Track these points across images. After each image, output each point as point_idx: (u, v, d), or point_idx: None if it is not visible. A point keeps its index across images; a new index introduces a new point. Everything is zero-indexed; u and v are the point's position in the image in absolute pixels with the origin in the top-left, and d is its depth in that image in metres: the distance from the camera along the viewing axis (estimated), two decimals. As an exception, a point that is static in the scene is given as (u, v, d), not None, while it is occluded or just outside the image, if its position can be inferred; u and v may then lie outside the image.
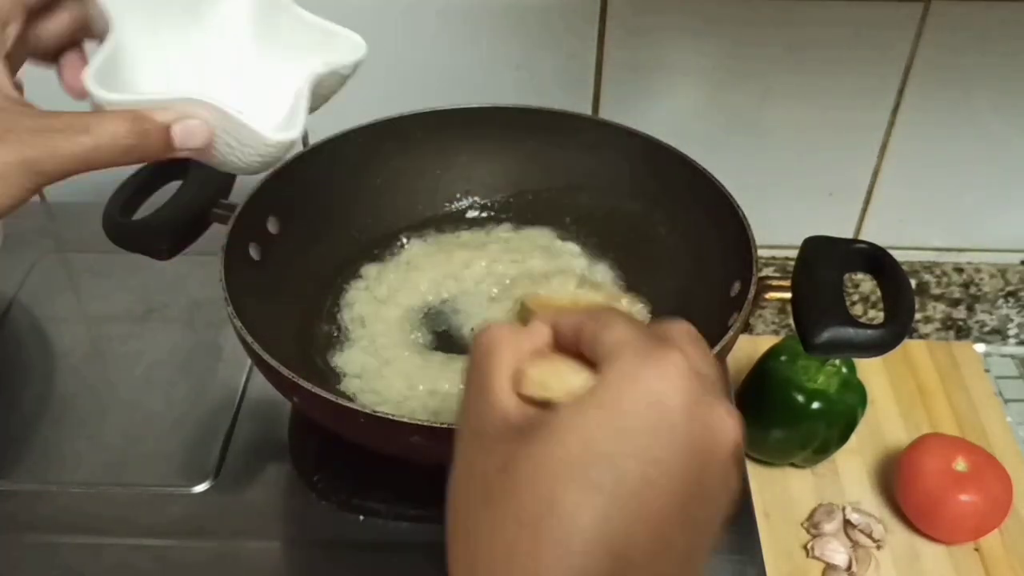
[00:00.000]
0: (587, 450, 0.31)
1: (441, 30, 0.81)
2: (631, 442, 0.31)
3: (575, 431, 0.31)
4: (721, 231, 0.65)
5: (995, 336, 0.96)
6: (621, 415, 0.31)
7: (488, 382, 0.34)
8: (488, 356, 0.35)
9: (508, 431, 0.33)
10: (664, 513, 0.31)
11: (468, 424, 0.35)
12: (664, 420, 0.31)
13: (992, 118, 0.84)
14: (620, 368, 0.32)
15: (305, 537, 0.62)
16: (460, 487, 0.34)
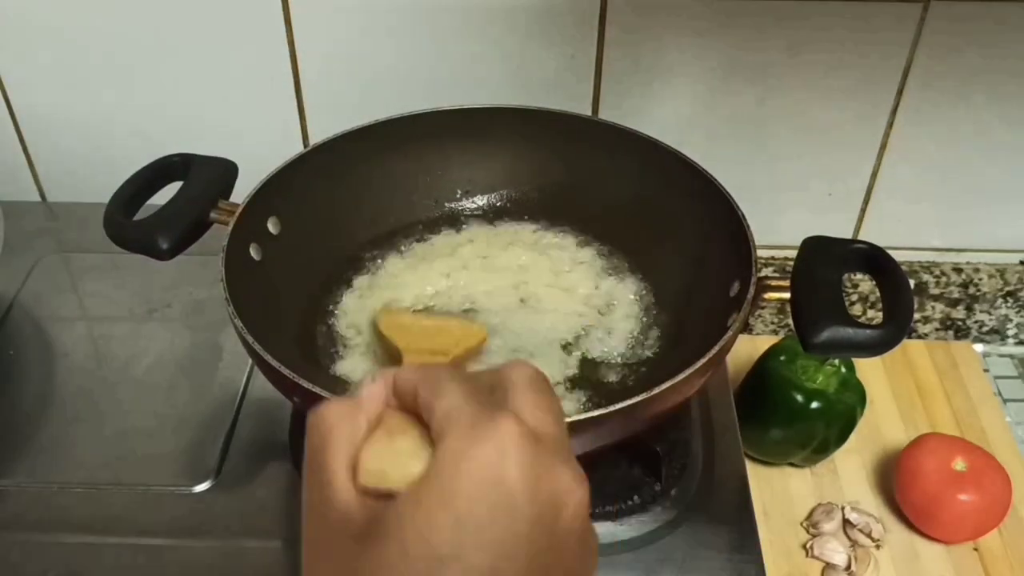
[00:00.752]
0: (429, 550, 0.28)
1: (441, 30, 0.81)
2: (473, 533, 0.29)
3: (413, 529, 0.29)
4: (721, 231, 0.65)
5: (994, 336, 0.96)
6: (458, 502, 0.29)
7: (325, 478, 0.31)
8: (323, 447, 0.32)
9: (349, 535, 0.30)
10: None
11: (309, 526, 0.32)
12: (504, 500, 0.29)
13: (992, 118, 0.84)
14: (451, 447, 0.30)
15: (305, 537, 0.62)
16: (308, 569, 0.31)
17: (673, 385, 0.53)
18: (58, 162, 0.92)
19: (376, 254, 0.75)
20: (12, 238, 0.76)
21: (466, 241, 0.76)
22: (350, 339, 0.69)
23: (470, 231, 0.77)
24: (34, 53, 0.84)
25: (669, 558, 0.61)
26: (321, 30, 0.82)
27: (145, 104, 0.87)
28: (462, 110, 0.76)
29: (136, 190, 0.67)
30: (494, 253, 0.75)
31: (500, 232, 0.77)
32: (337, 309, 0.72)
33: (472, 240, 0.76)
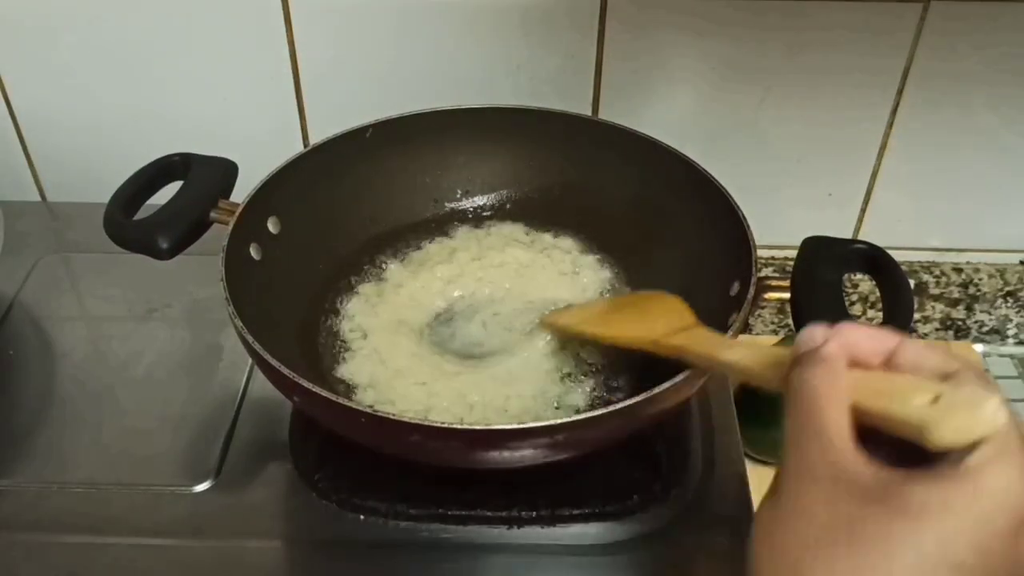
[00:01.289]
0: (942, 554, 0.29)
1: (441, 30, 0.81)
2: (992, 553, 0.29)
3: (934, 529, 0.29)
4: (721, 231, 0.65)
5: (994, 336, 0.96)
6: (989, 518, 0.29)
7: (821, 427, 0.33)
8: (815, 403, 0.33)
9: (851, 482, 0.31)
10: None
11: (792, 463, 0.33)
12: (1017, 542, 0.30)
13: (991, 118, 0.84)
14: (1007, 480, 0.30)
15: (305, 537, 0.62)
16: (786, 529, 0.32)
17: (673, 385, 0.53)
18: (58, 162, 0.92)
19: (376, 254, 0.75)
20: (12, 238, 0.76)
21: (466, 241, 0.76)
22: (351, 339, 0.69)
23: (470, 231, 0.77)
24: (34, 53, 0.84)
25: (669, 558, 0.61)
26: (321, 30, 0.82)
27: (145, 104, 0.87)
28: (462, 110, 0.76)
29: (136, 190, 0.67)
30: (494, 253, 0.75)
31: (500, 232, 0.77)
32: (337, 309, 0.72)
33: (472, 240, 0.76)
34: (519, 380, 0.65)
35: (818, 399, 0.33)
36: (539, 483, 0.63)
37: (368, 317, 0.71)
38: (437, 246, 0.76)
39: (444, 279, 0.73)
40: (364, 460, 0.63)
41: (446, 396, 0.64)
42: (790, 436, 0.34)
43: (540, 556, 0.60)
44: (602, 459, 0.63)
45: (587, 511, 0.62)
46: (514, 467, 0.56)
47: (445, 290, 0.73)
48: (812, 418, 0.33)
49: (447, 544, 0.61)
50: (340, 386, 0.66)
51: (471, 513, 0.62)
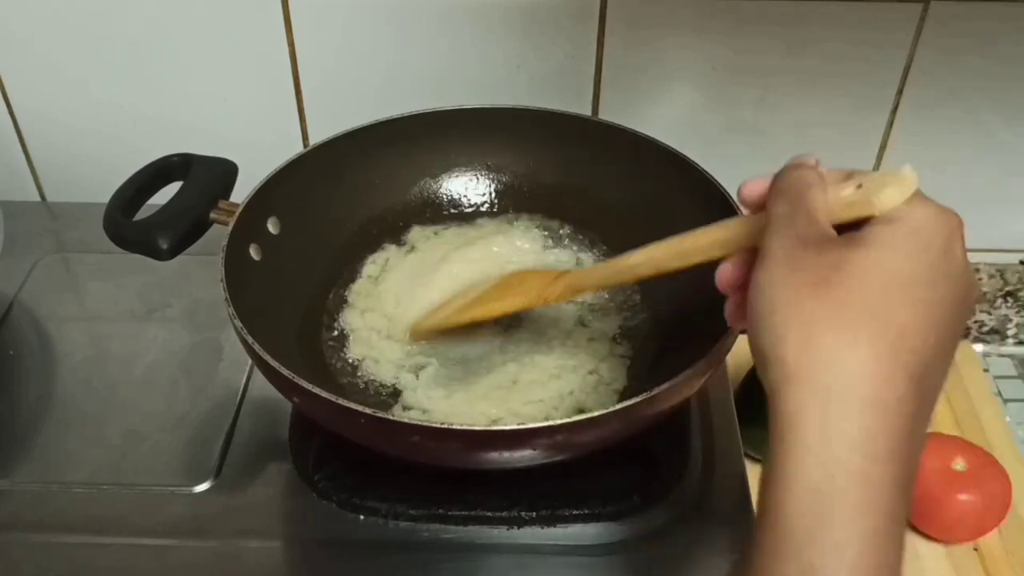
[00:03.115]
0: (899, 273, 0.38)
1: (441, 30, 0.81)
2: (937, 265, 0.38)
3: (891, 256, 0.38)
4: (721, 231, 0.65)
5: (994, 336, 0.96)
6: (928, 243, 0.39)
7: (809, 205, 0.41)
8: (805, 188, 0.42)
9: (833, 241, 0.40)
10: (949, 322, 0.39)
11: (787, 234, 0.41)
12: (951, 250, 0.40)
13: (991, 118, 0.84)
14: (925, 207, 0.40)
15: (305, 537, 0.62)
16: (786, 279, 0.39)
17: (673, 385, 0.53)
18: (58, 162, 0.92)
19: (376, 254, 0.75)
20: (12, 238, 0.76)
21: (465, 241, 0.76)
22: (351, 339, 0.69)
23: (470, 231, 0.77)
24: (34, 53, 0.84)
25: (669, 558, 0.61)
26: (321, 30, 0.82)
27: (145, 104, 0.87)
28: (462, 110, 0.76)
29: (136, 190, 0.67)
30: (494, 253, 0.75)
31: (500, 232, 0.77)
32: (337, 309, 0.72)
33: (472, 240, 0.76)
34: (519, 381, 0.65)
35: (810, 186, 0.42)
36: (539, 483, 0.63)
37: (368, 317, 0.71)
38: (437, 246, 0.76)
39: (444, 279, 0.73)
40: (364, 460, 0.63)
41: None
42: (779, 217, 0.42)
43: (540, 556, 0.60)
44: (602, 459, 0.63)
45: (587, 511, 0.62)
46: (514, 467, 0.56)
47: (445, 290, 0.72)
48: (803, 199, 0.42)
49: (447, 544, 0.61)
50: (341, 386, 0.66)
51: (471, 513, 0.62)
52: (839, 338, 0.37)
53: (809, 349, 0.37)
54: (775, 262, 0.40)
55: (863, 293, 0.37)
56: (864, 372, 0.36)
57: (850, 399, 0.36)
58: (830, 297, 0.37)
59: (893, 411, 0.36)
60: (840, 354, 0.36)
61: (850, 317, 0.37)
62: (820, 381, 0.36)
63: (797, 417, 0.37)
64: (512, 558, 0.60)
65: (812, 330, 0.37)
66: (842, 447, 0.36)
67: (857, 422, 0.36)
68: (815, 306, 0.37)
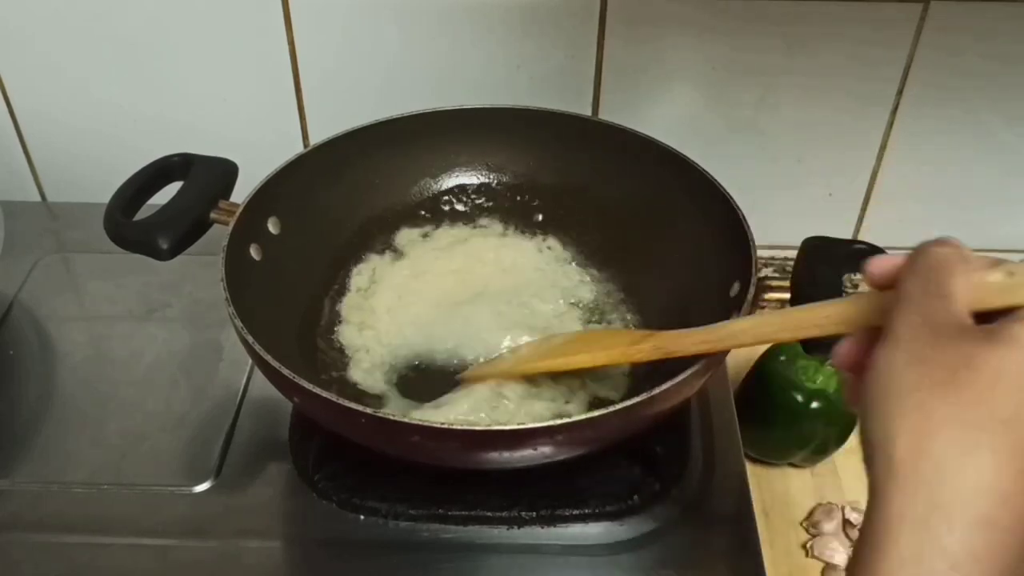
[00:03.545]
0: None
1: (441, 30, 0.81)
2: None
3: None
4: (721, 231, 0.65)
5: (994, 336, 0.96)
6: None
7: (947, 289, 0.37)
8: (946, 269, 0.38)
9: (967, 332, 0.36)
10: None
11: (917, 318, 0.37)
12: None
13: (992, 118, 0.84)
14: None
15: (305, 537, 0.62)
16: (907, 368, 0.36)
17: (673, 385, 0.53)
18: (58, 162, 0.92)
19: (375, 254, 0.75)
20: (12, 238, 0.76)
21: (465, 241, 0.76)
22: (351, 339, 0.69)
23: (469, 231, 0.77)
24: (34, 53, 0.84)
25: (669, 558, 0.61)
26: (321, 30, 0.82)
27: (145, 104, 0.87)
28: (462, 110, 0.76)
29: (136, 190, 0.67)
30: (494, 253, 0.75)
31: (500, 232, 0.77)
32: (337, 309, 0.72)
33: (471, 240, 0.76)
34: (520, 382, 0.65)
35: (949, 265, 0.38)
36: (539, 483, 0.63)
37: (368, 316, 0.71)
38: (437, 246, 0.76)
39: (444, 279, 0.73)
40: (364, 460, 0.63)
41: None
42: (911, 296, 0.38)
43: (540, 556, 0.60)
44: (602, 459, 0.63)
45: (587, 511, 0.62)
46: (514, 467, 0.56)
47: (447, 287, 0.73)
48: (941, 280, 0.37)
49: (447, 544, 0.61)
50: (337, 383, 0.66)
51: (471, 513, 0.62)
52: (958, 444, 0.33)
53: (922, 451, 0.34)
54: (899, 347, 0.37)
55: (994, 396, 0.34)
56: (979, 487, 0.33)
57: (959, 514, 0.33)
58: (956, 396, 0.34)
59: (1005, 533, 0.33)
60: (956, 461, 0.33)
61: (974, 422, 0.34)
62: (928, 489, 0.33)
63: (898, 523, 0.33)
64: (512, 558, 0.60)
65: (929, 430, 0.34)
66: (942, 566, 0.33)
67: (962, 541, 0.33)
68: (937, 404, 0.34)
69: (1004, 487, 0.33)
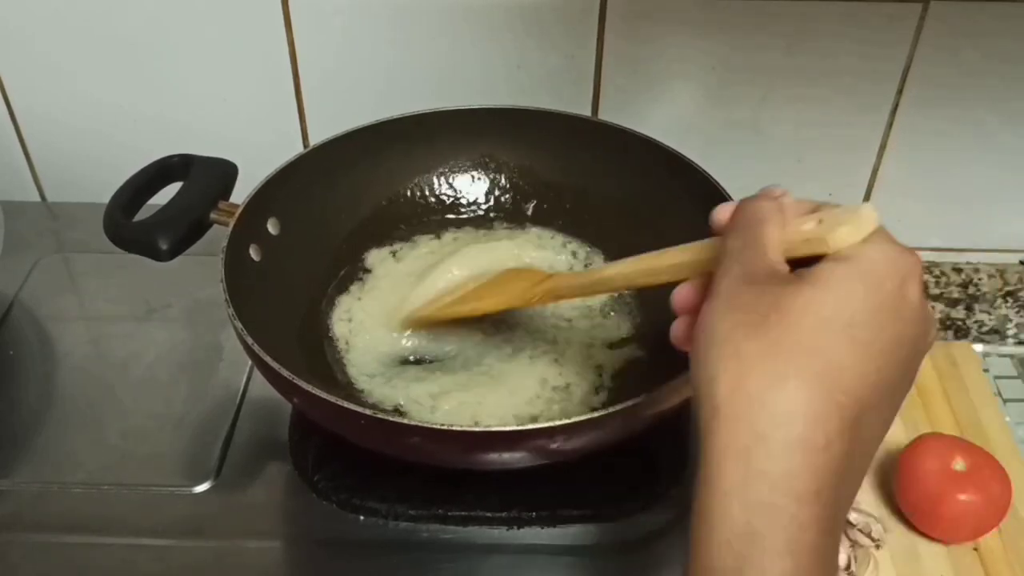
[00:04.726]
0: (840, 314, 0.36)
1: (441, 30, 0.81)
2: (886, 306, 0.37)
3: (833, 295, 0.37)
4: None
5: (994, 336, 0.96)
6: (879, 284, 0.37)
7: (760, 241, 0.40)
8: (760, 223, 0.41)
9: (778, 277, 0.39)
10: (896, 363, 0.38)
11: (735, 270, 0.40)
12: (904, 292, 0.38)
13: (991, 118, 0.84)
14: (882, 247, 0.38)
15: (305, 537, 0.62)
16: (725, 316, 0.38)
17: (673, 385, 0.53)
18: (58, 162, 0.92)
19: (375, 254, 0.75)
20: (12, 238, 0.76)
21: (465, 242, 0.76)
22: (351, 339, 0.69)
23: (469, 231, 0.77)
24: (34, 53, 0.84)
25: (669, 558, 0.61)
26: (321, 31, 0.82)
27: (145, 104, 0.87)
28: (462, 110, 0.76)
29: (136, 190, 0.67)
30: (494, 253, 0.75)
31: (499, 232, 0.77)
32: (337, 309, 0.72)
33: (471, 240, 0.76)
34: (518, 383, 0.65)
35: (764, 219, 0.41)
36: (539, 483, 0.63)
37: (367, 317, 0.71)
38: (437, 246, 0.76)
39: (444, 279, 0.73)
40: (364, 460, 0.63)
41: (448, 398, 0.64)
42: (730, 250, 0.41)
43: (540, 556, 0.60)
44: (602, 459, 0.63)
45: (587, 511, 0.62)
46: (514, 468, 0.56)
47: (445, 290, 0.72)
48: (756, 233, 0.40)
49: (447, 544, 0.61)
50: (340, 387, 0.66)
51: (471, 513, 0.62)
52: (769, 378, 0.36)
53: (739, 389, 0.36)
54: (719, 297, 0.39)
55: (799, 332, 0.36)
56: (791, 412, 0.35)
57: (775, 440, 0.35)
58: (765, 336, 0.36)
59: (820, 451, 0.35)
60: (768, 394, 0.36)
61: (782, 357, 0.36)
62: (746, 422, 0.36)
63: (722, 457, 0.36)
64: (512, 558, 0.60)
65: (743, 369, 0.36)
66: (763, 488, 0.35)
67: (780, 463, 0.35)
68: (749, 345, 0.37)
69: (814, 409, 0.35)
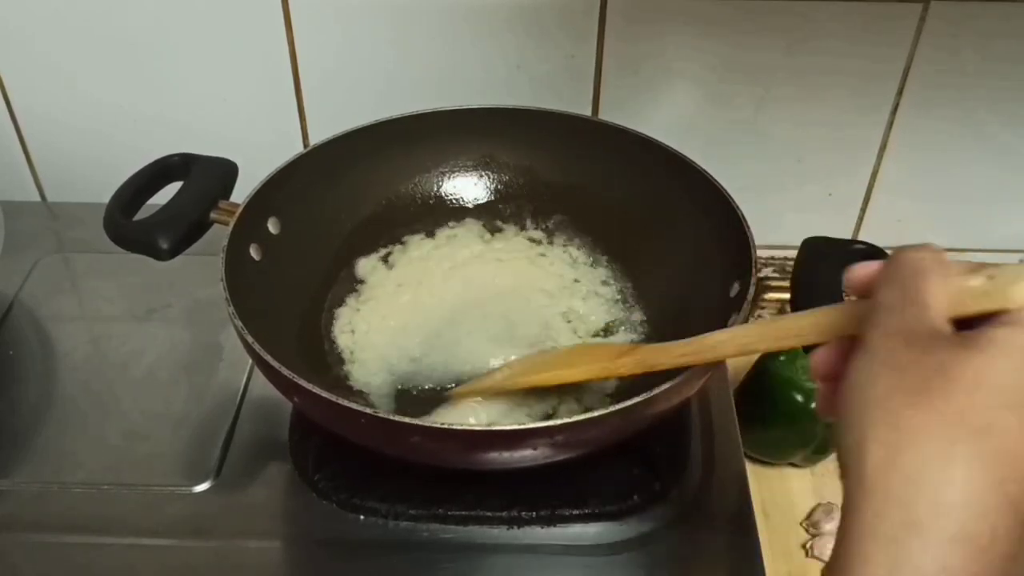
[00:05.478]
0: (1017, 384, 0.32)
1: (441, 30, 0.81)
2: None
3: (1009, 361, 0.33)
4: (720, 231, 0.65)
5: (994, 336, 0.96)
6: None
7: (923, 295, 0.36)
8: (922, 274, 0.36)
9: (944, 339, 0.34)
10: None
11: (892, 325, 0.36)
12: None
13: (991, 118, 0.84)
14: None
15: (305, 537, 0.62)
16: (880, 376, 0.35)
17: (673, 385, 0.53)
18: (58, 162, 0.92)
19: (375, 254, 0.75)
20: (12, 238, 0.75)
21: (465, 242, 0.76)
22: (351, 339, 0.69)
23: (470, 231, 0.77)
24: (34, 53, 0.84)
25: (669, 558, 0.61)
26: (321, 31, 0.82)
27: (145, 104, 0.87)
28: (462, 110, 0.76)
29: (136, 190, 0.67)
30: (493, 253, 0.75)
31: (499, 232, 0.77)
32: (337, 309, 0.72)
33: (471, 240, 0.76)
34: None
35: (926, 271, 0.36)
36: (539, 483, 0.63)
37: (368, 317, 0.71)
38: (437, 246, 0.76)
39: (444, 279, 0.73)
40: (364, 460, 0.63)
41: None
42: (885, 305, 0.36)
43: (540, 556, 0.60)
44: (602, 459, 0.63)
45: (587, 511, 0.62)
46: (514, 467, 0.56)
47: (445, 290, 0.73)
48: (917, 287, 0.36)
49: (447, 544, 0.61)
50: (340, 386, 0.66)
51: (471, 513, 0.62)
52: (931, 456, 0.32)
53: (893, 464, 0.32)
54: (874, 356, 0.35)
55: (968, 405, 0.32)
56: (955, 502, 0.31)
57: (932, 531, 0.31)
58: (928, 406, 0.32)
59: (984, 550, 0.31)
60: (928, 475, 0.32)
61: (948, 433, 0.32)
62: (899, 504, 0.32)
63: (867, 540, 0.32)
64: (512, 558, 0.60)
65: (901, 442, 0.32)
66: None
67: (937, 560, 0.31)
68: (909, 414, 0.33)
69: (982, 500, 0.31)
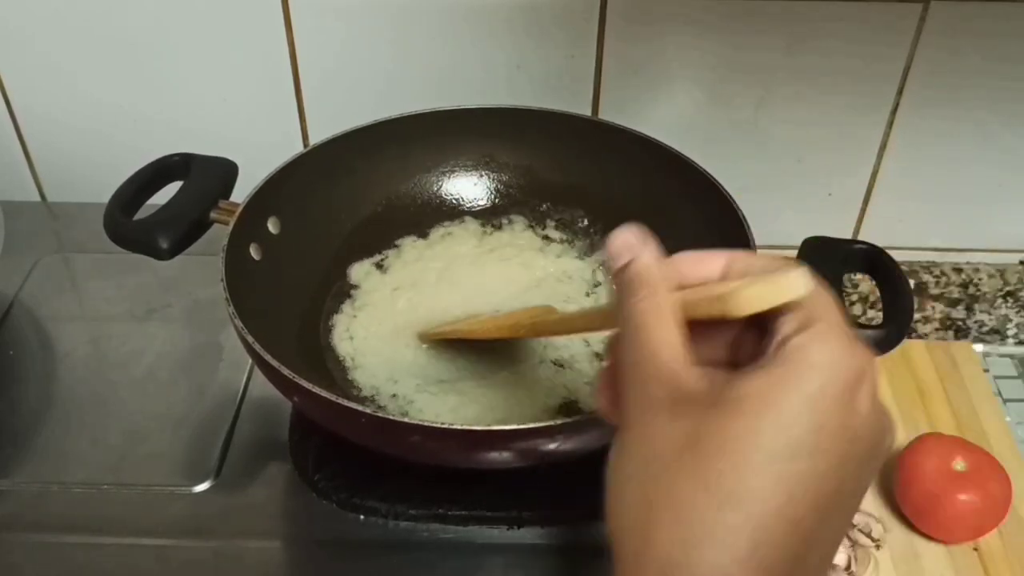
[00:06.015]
0: (784, 441, 0.30)
1: (440, 30, 0.81)
2: (829, 426, 0.30)
3: (769, 418, 0.30)
4: (721, 231, 0.65)
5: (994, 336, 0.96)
6: (819, 398, 0.30)
7: (648, 342, 0.33)
8: (642, 326, 0.33)
9: (689, 402, 0.31)
10: (840, 490, 0.31)
11: (643, 398, 0.33)
12: (853, 402, 0.31)
13: (991, 118, 0.84)
14: (829, 354, 0.31)
15: (305, 537, 0.62)
16: (636, 449, 0.32)
17: (673, 385, 0.53)
18: (58, 162, 0.92)
19: (375, 254, 0.75)
20: (12, 238, 0.76)
21: (465, 242, 0.76)
22: (351, 339, 0.69)
23: (469, 232, 0.77)
24: (34, 53, 0.84)
25: (669, 558, 0.60)
26: (321, 31, 0.82)
27: (145, 104, 0.87)
28: (462, 110, 0.76)
29: (136, 190, 0.67)
30: (493, 254, 0.75)
31: (499, 232, 0.77)
32: (337, 309, 0.72)
33: (471, 241, 0.76)
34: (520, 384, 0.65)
35: (646, 324, 0.33)
36: (539, 483, 0.63)
37: (368, 317, 0.71)
38: (437, 246, 0.76)
39: (444, 279, 0.73)
40: (364, 460, 0.63)
41: (447, 398, 0.64)
42: (629, 368, 0.34)
43: (540, 556, 0.60)
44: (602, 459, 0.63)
45: (587, 511, 0.62)
46: (514, 468, 0.56)
47: (445, 290, 0.73)
48: (644, 344, 0.33)
49: (447, 544, 0.61)
50: (338, 384, 0.66)
51: (471, 513, 0.62)
52: (682, 539, 0.30)
53: (648, 548, 0.31)
54: (628, 428, 0.33)
55: (718, 477, 0.30)
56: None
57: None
58: (680, 485, 0.30)
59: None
60: (682, 557, 0.30)
61: (698, 513, 0.30)
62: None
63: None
64: (512, 558, 0.60)
65: (650, 524, 0.31)
66: None
67: None
68: (659, 496, 0.31)
69: (731, 573, 0.29)
